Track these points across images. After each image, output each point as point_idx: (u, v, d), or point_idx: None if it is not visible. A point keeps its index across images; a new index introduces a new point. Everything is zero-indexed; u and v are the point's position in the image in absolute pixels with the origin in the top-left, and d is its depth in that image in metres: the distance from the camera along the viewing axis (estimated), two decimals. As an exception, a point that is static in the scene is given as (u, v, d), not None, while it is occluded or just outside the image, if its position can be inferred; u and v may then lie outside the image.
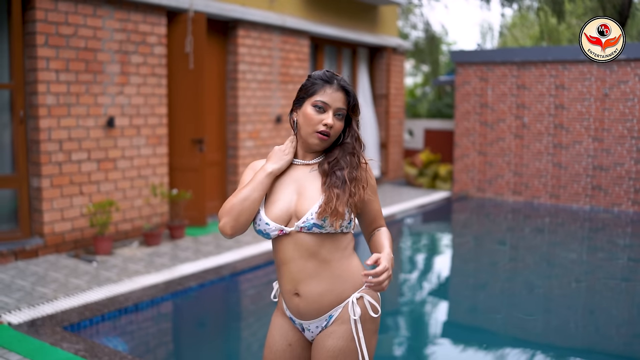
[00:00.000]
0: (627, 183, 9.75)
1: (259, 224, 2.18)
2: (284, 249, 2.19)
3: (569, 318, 5.48)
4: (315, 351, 2.23)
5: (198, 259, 6.33)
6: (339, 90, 2.16)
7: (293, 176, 2.24)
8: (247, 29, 8.37)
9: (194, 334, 5.03)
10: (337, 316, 2.19)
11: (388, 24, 11.94)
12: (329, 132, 2.14)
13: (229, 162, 8.54)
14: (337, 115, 2.16)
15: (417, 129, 13.16)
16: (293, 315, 2.28)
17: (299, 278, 2.19)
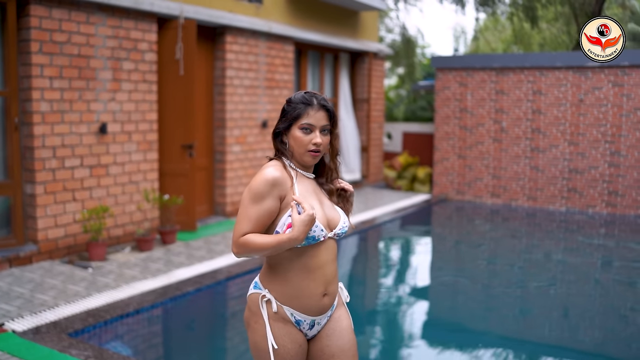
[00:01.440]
0: (601, 185, 10.07)
1: (315, 230, 2.36)
2: (319, 254, 2.42)
3: (545, 316, 5.70)
4: (336, 338, 2.54)
5: (192, 263, 6.42)
6: (320, 110, 2.42)
7: (309, 188, 2.48)
8: (234, 35, 8.47)
9: (196, 337, 5.12)
10: (336, 303, 2.59)
11: (369, 30, 12.12)
12: (319, 149, 2.42)
13: (216, 166, 8.62)
14: (323, 132, 2.44)
15: (396, 133, 13.36)
16: (310, 315, 2.46)
17: (330, 279, 2.47)
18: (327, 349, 2.53)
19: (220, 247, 7.11)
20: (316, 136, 2.39)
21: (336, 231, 2.46)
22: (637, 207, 9.85)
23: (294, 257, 2.40)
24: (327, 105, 2.44)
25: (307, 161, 2.44)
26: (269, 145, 9.29)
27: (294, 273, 2.41)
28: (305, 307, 2.45)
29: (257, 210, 2.34)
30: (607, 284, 6.88)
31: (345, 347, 2.54)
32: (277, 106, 9.39)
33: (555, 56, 10.42)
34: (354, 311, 2.81)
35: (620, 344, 5.10)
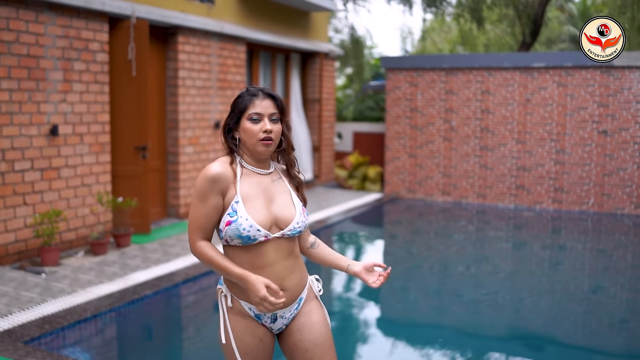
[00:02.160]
0: (548, 182, 10.39)
1: (248, 229, 2.35)
2: (266, 253, 2.41)
3: (496, 309, 5.86)
4: (307, 331, 2.54)
5: (148, 266, 6.33)
6: (266, 98, 2.43)
7: (260, 185, 2.46)
8: (186, 36, 8.39)
9: (155, 341, 5.06)
10: (305, 297, 2.58)
11: (319, 30, 12.18)
12: (270, 137, 2.40)
13: (169, 168, 8.53)
14: (272, 120, 2.43)
15: (346, 132, 13.47)
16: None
17: (283, 276, 2.46)
18: (299, 344, 2.54)
19: (175, 250, 7.04)
20: (265, 124, 2.39)
21: (285, 231, 2.42)
22: (582, 203, 10.20)
23: (242, 255, 2.41)
24: (272, 94, 2.45)
25: (261, 152, 2.42)
26: (222, 147, 9.23)
27: (244, 269, 2.40)
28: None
29: (203, 208, 2.39)
30: (556, 275, 7.10)
31: (317, 340, 2.54)
32: (229, 107, 9.32)
33: (503, 57, 10.68)
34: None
35: (566, 331, 5.28)
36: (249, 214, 2.36)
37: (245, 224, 2.35)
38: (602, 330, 5.46)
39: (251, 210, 2.38)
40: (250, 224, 2.35)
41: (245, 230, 2.35)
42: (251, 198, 2.41)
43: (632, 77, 9.78)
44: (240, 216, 2.35)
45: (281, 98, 2.50)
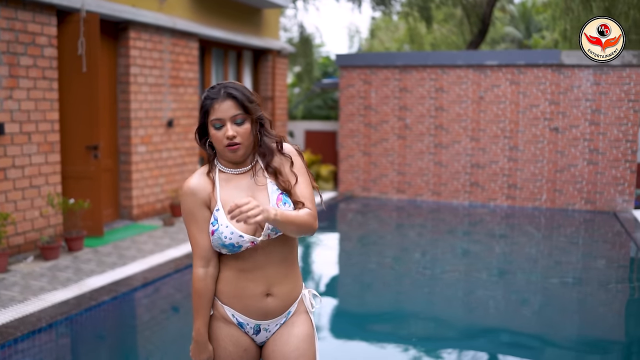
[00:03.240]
0: (501, 179, 10.50)
1: (230, 237, 2.20)
2: (256, 257, 2.27)
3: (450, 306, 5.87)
4: (282, 343, 2.36)
5: (104, 271, 6.06)
6: (226, 99, 2.20)
7: (240, 186, 2.30)
8: (138, 31, 8.09)
9: (117, 350, 4.82)
10: (294, 311, 2.40)
11: (271, 27, 12.01)
12: (234, 142, 2.20)
13: (121, 168, 8.22)
14: (236, 122, 2.21)
15: (298, 131, 13.34)
16: (253, 318, 2.32)
17: (274, 280, 2.31)
18: (273, 355, 2.38)
19: (131, 252, 6.77)
20: (227, 129, 2.20)
21: (265, 231, 2.22)
22: (534, 199, 10.35)
23: (231, 260, 2.29)
24: (232, 93, 2.21)
25: (230, 157, 2.25)
26: (175, 145, 8.99)
27: (232, 273, 2.29)
28: (246, 308, 2.31)
29: (195, 227, 2.27)
30: (509, 272, 7.14)
31: (290, 355, 2.34)
32: (182, 104, 9.08)
33: (456, 55, 10.74)
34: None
35: (519, 323, 5.30)
36: (229, 221, 2.20)
37: (225, 231, 2.20)
38: (554, 319, 5.50)
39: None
40: (232, 230, 2.19)
41: (227, 238, 2.20)
42: (228, 203, 2.24)
43: (581, 76, 9.98)
44: (220, 224, 2.21)
45: (244, 92, 2.25)
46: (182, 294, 6.26)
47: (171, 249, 6.98)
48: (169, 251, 6.86)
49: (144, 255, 6.68)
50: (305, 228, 2.25)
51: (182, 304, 5.97)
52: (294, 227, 2.19)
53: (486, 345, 4.94)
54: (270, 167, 2.30)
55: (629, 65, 9.79)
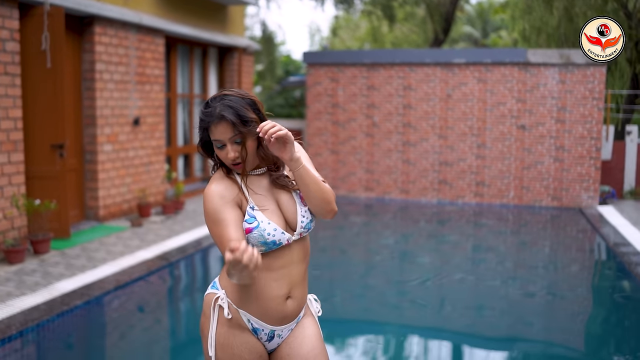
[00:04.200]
0: (469, 177, 10.56)
1: (273, 234, 2.15)
2: (284, 255, 2.21)
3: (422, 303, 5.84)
4: (297, 345, 2.30)
5: (74, 274, 5.82)
6: (221, 121, 2.11)
7: (262, 185, 2.24)
8: (103, 26, 7.84)
9: (92, 355, 4.63)
10: (302, 315, 2.37)
11: (237, 24, 11.83)
12: (237, 161, 2.15)
13: (86, 167, 7.95)
14: (236, 142, 2.13)
15: (264, 129, 13.19)
16: (269, 323, 2.24)
17: (296, 281, 2.26)
18: (288, 358, 2.30)
19: (100, 254, 6.54)
20: (228, 151, 2.13)
21: (298, 231, 2.22)
22: (502, 197, 10.44)
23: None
24: (225, 116, 2.09)
25: (239, 172, 2.20)
26: (141, 144, 8.75)
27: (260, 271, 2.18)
28: (264, 312, 2.21)
29: (225, 226, 2.12)
30: (478, 269, 7.16)
31: (308, 355, 2.30)
32: (148, 102, 8.85)
33: (424, 53, 10.76)
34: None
35: (490, 322, 5.31)
36: (270, 219, 2.17)
37: (268, 228, 2.14)
38: (524, 317, 5.51)
39: (267, 214, 2.18)
40: (274, 227, 2.15)
41: (270, 235, 2.14)
42: (261, 202, 2.20)
43: (547, 74, 10.10)
44: (261, 221, 2.14)
45: (239, 112, 2.10)
46: (156, 296, 6.08)
47: (141, 250, 6.77)
48: (140, 253, 6.66)
49: (114, 257, 6.46)
50: (328, 196, 2.20)
51: (157, 307, 5.79)
52: (316, 188, 2.16)
53: (447, 345, 4.91)
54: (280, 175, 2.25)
55: (593, 64, 9.95)
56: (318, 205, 2.20)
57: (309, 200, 2.20)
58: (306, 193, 2.19)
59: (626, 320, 5.51)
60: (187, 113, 10.77)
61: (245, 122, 2.11)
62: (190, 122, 10.82)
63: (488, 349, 4.86)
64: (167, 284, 6.41)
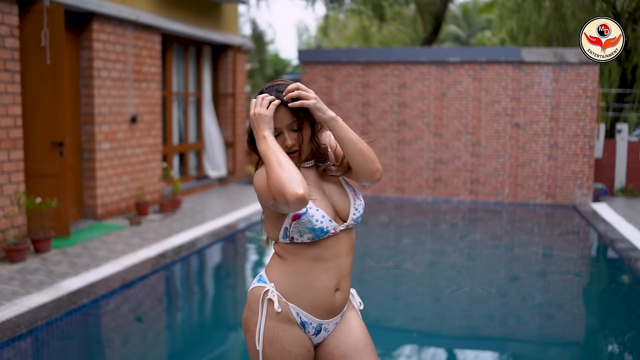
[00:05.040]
0: (464, 175, 10.61)
1: (321, 221, 2.14)
2: (333, 245, 2.20)
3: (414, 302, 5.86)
4: (344, 336, 2.30)
5: (78, 273, 5.77)
6: (280, 108, 2.12)
7: (309, 176, 2.25)
8: (101, 23, 7.78)
9: (104, 354, 4.58)
10: (346, 309, 2.36)
11: (231, 23, 11.79)
12: (294, 150, 2.15)
13: (84, 166, 7.88)
14: (293, 130, 2.15)
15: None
16: (317, 316, 2.23)
17: (344, 273, 2.26)
18: (336, 351, 2.29)
19: (102, 253, 6.48)
20: (285, 139, 2.14)
21: (349, 222, 2.24)
22: (497, 194, 10.50)
23: (307, 248, 2.18)
24: (283, 101, 2.11)
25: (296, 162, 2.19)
26: (138, 142, 8.69)
27: (305, 263, 2.18)
28: (314, 304, 2.20)
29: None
30: (472, 267, 7.20)
31: (357, 345, 2.30)
32: (145, 100, 8.79)
33: (419, 51, 10.79)
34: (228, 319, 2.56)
35: (483, 322, 5.34)
36: (318, 205, 2.18)
37: (317, 214, 2.14)
38: (518, 314, 5.56)
39: (315, 203, 2.18)
40: (322, 214, 2.15)
41: (318, 221, 2.13)
42: (310, 191, 2.20)
43: (541, 73, 10.18)
44: (309, 207, 2.13)
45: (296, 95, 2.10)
46: (164, 294, 6.06)
47: (143, 248, 6.72)
48: (142, 251, 6.61)
49: (117, 255, 6.41)
50: (370, 154, 2.17)
51: (165, 305, 5.76)
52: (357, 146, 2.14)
53: (448, 339, 4.94)
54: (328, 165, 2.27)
55: (586, 63, 10.04)
56: (362, 164, 2.17)
57: (353, 160, 2.18)
58: (348, 152, 2.16)
59: (632, 314, 5.57)
60: (182, 111, 10.72)
61: (303, 108, 2.13)
62: (185, 120, 10.77)
63: (483, 349, 4.89)
64: (172, 282, 6.38)
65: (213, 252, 7.27)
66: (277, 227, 2.20)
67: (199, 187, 10.67)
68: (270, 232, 2.25)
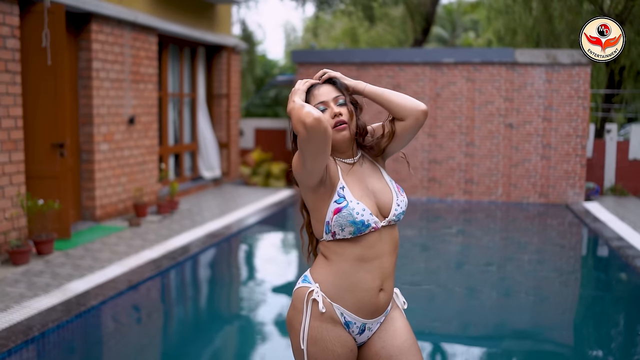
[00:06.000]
0: (458, 175, 10.70)
1: (362, 214, 2.16)
2: (376, 244, 2.22)
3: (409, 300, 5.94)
4: (390, 337, 2.31)
5: (83, 274, 5.75)
6: (324, 84, 2.30)
7: (354, 175, 2.28)
8: (100, 24, 7.74)
9: (118, 354, 4.57)
10: (390, 308, 2.37)
11: (225, 23, 11.78)
12: (342, 119, 2.22)
13: (83, 167, 7.84)
14: (339, 103, 2.26)
15: (248, 128, 13.16)
16: (361, 316, 2.25)
17: (387, 273, 2.27)
18: (382, 351, 2.31)
19: (105, 255, 6.46)
20: (332, 108, 2.23)
21: (390, 218, 2.25)
22: (491, 194, 10.60)
23: (350, 247, 2.20)
24: (329, 79, 2.31)
25: (338, 139, 2.23)
26: (136, 143, 8.66)
27: (349, 264, 2.20)
28: (358, 304, 2.22)
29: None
30: (467, 266, 7.28)
31: (403, 346, 2.31)
32: (142, 101, 8.76)
33: (414, 52, 10.86)
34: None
35: (477, 316, 5.41)
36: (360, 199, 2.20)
37: (357, 207, 2.16)
38: (512, 310, 5.63)
39: (356, 196, 2.21)
40: (363, 207, 2.17)
41: (359, 214, 2.15)
42: (351, 185, 2.23)
43: (533, 74, 10.29)
44: (350, 201, 2.16)
45: (339, 79, 2.34)
46: (171, 295, 6.05)
47: (146, 250, 6.71)
48: (145, 252, 6.60)
49: (120, 257, 6.39)
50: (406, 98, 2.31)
51: (173, 306, 5.75)
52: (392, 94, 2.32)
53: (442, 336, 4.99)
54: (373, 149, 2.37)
55: (578, 64, 10.18)
56: (403, 103, 2.29)
57: (394, 105, 2.31)
58: (385, 100, 2.32)
59: (634, 309, 5.66)
60: (177, 112, 10.69)
61: (346, 87, 2.30)
62: (180, 121, 10.74)
63: (478, 345, 4.95)
64: (178, 283, 6.37)
65: (216, 253, 7.26)
66: (320, 220, 2.22)
67: (194, 188, 10.65)
68: (316, 228, 2.26)
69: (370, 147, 2.36)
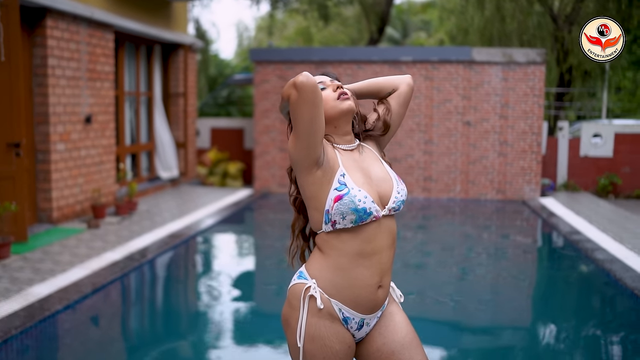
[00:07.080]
0: (417, 172, 10.79)
1: (364, 201, 2.11)
2: (376, 238, 2.18)
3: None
4: (390, 332, 2.29)
5: (44, 278, 5.55)
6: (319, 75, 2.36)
7: (355, 162, 2.25)
8: (55, 19, 7.51)
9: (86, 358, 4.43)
10: (387, 303, 2.34)
11: (181, 21, 11.60)
12: (344, 91, 2.26)
13: (38, 168, 7.59)
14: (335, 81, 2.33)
15: (204, 128, 13.00)
16: (360, 312, 2.22)
17: (386, 269, 2.24)
18: (384, 348, 2.27)
19: (65, 258, 6.26)
20: (332, 84, 2.27)
21: (390, 205, 2.19)
22: (449, 191, 10.72)
23: (349, 240, 2.15)
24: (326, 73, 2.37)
25: (344, 109, 2.22)
26: (93, 143, 8.44)
27: (347, 259, 2.16)
28: (356, 300, 2.18)
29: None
30: (428, 262, 7.36)
31: (404, 340, 2.28)
32: (99, 99, 8.54)
33: (372, 50, 10.91)
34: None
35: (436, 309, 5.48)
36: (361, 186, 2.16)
37: (359, 195, 2.11)
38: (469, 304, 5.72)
39: (357, 183, 2.16)
40: (365, 194, 2.12)
41: (361, 202, 2.10)
42: (351, 173, 2.19)
43: (490, 72, 10.46)
44: (352, 188, 2.11)
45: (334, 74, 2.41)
46: (138, 296, 5.90)
47: (107, 252, 6.53)
48: (107, 254, 6.42)
49: (81, 260, 6.20)
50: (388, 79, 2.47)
51: (142, 308, 5.61)
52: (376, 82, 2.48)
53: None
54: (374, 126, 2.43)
55: (533, 63, 10.39)
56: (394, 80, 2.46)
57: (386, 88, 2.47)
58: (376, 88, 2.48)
59: (593, 298, 5.80)
60: (134, 111, 10.47)
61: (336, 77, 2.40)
62: (137, 120, 10.52)
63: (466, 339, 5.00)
64: (144, 284, 6.23)
65: (178, 254, 7.13)
66: (319, 209, 2.16)
67: (151, 189, 10.44)
68: (314, 218, 2.20)
69: (372, 130, 2.41)
